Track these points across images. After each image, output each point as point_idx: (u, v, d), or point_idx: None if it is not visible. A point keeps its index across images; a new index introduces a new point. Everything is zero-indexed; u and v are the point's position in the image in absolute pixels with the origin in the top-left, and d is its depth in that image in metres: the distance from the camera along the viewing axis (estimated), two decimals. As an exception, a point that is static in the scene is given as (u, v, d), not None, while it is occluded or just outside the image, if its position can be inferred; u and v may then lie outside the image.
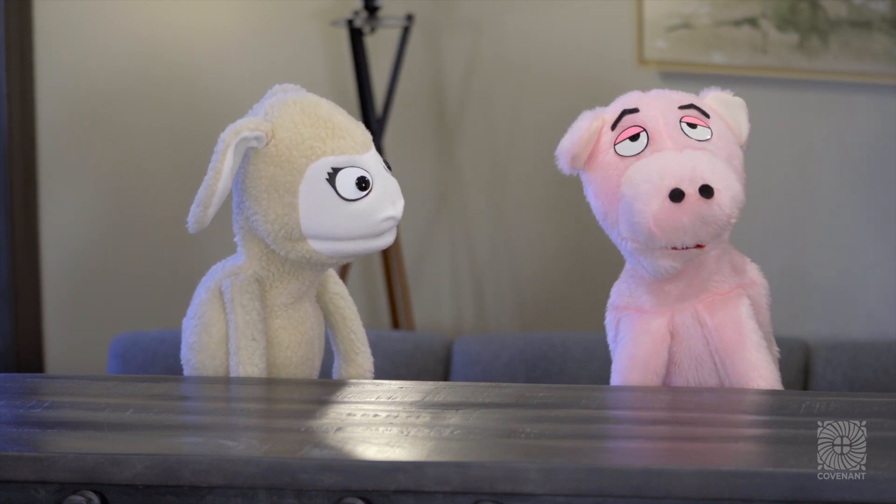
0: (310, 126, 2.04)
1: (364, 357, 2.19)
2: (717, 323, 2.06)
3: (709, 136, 2.06)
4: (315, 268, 2.10)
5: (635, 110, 2.08)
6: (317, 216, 2.03)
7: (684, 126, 2.06)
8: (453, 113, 3.75)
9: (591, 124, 2.07)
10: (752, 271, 2.14)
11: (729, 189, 1.98)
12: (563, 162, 2.09)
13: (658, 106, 2.08)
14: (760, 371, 2.02)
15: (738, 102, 2.13)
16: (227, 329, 2.07)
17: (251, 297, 2.06)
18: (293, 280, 2.10)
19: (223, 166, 2.00)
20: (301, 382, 2.08)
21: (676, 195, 1.96)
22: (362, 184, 2.03)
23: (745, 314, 2.06)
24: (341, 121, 2.06)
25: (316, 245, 2.05)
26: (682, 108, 2.08)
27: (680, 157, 2.00)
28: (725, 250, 2.10)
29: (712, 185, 1.96)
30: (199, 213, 2.01)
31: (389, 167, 2.08)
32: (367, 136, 2.08)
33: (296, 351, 2.11)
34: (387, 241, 2.08)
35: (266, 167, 2.03)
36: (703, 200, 1.96)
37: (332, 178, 2.02)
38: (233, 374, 2.05)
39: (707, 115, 2.09)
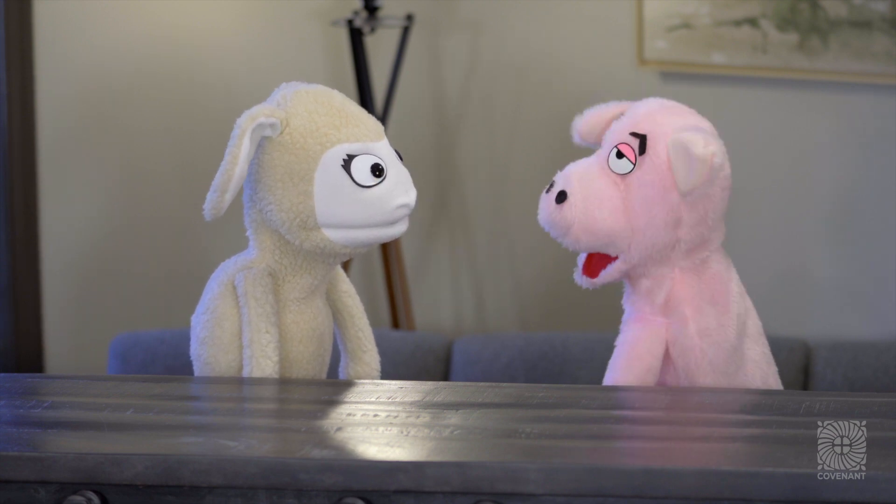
0: (324, 114, 2.05)
1: (371, 356, 2.20)
2: (618, 341, 2.15)
3: (626, 172, 2.08)
4: (327, 260, 2.10)
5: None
6: (332, 203, 2.03)
7: (614, 152, 2.10)
8: (453, 113, 3.75)
9: (607, 111, 2.17)
10: (693, 316, 2.10)
11: (584, 213, 2.07)
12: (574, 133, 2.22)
13: (628, 123, 2.12)
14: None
15: (691, 157, 2.03)
16: (240, 323, 2.07)
17: (265, 290, 2.06)
18: (306, 274, 2.10)
19: (240, 151, 1.99)
20: (301, 382, 2.08)
21: (548, 187, 2.11)
22: (377, 171, 2.03)
23: (631, 338, 2.11)
24: (354, 110, 2.08)
25: (330, 234, 2.05)
26: (631, 134, 2.10)
27: (583, 161, 2.12)
28: (667, 287, 2.11)
29: (570, 194, 2.08)
30: (216, 199, 2.01)
31: (401, 157, 2.09)
32: (379, 126, 2.09)
33: (307, 346, 2.11)
34: (400, 229, 2.08)
35: (281, 156, 2.04)
36: (554, 202, 2.09)
37: (347, 164, 2.03)
38: (246, 368, 2.05)
39: (643, 152, 2.08)
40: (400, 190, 2.05)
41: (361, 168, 2.03)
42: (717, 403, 1.91)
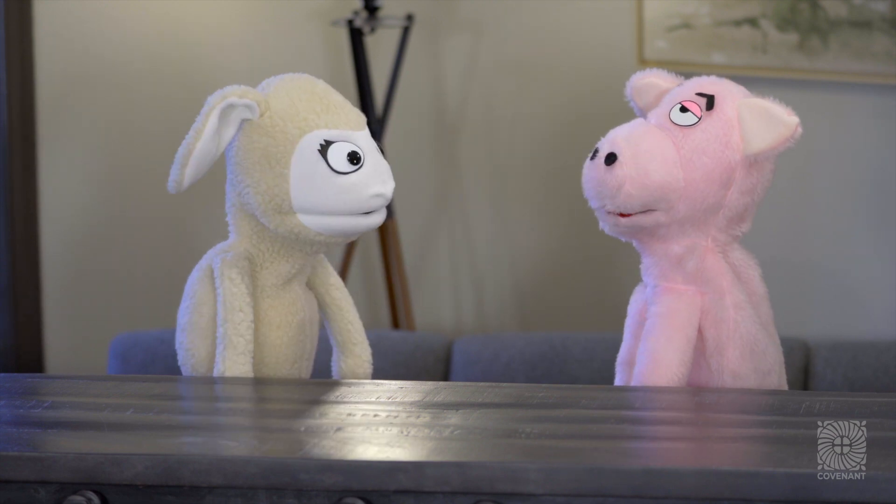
0: (305, 100, 2.07)
1: (362, 347, 2.19)
2: (651, 312, 2.12)
3: (689, 124, 2.10)
4: (304, 248, 2.10)
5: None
6: (306, 188, 2.04)
7: (677, 107, 2.11)
8: (453, 113, 3.75)
9: (664, 79, 2.20)
10: (729, 289, 2.11)
11: (635, 168, 2.06)
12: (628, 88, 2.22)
13: (692, 86, 2.14)
14: (646, 356, 2.07)
15: (774, 118, 2.09)
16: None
17: (239, 271, 2.07)
18: (283, 261, 2.10)
19: (204, 127, 2.01)
20: (301, 382, 2.08)
21: (594, 153, 2.09)
22: (354, 158, 2.04)
23: (667, 310, 2.09)
24: (336, 99, 2.09)
25: (305, 219, 2.05)
26: (697, 94, 2.12)
27: (627, 124, 2.12)
28: (698, 255, 2.10)
29: (619, 154, 2.06)
30: (177, 172, 2.02)
31: (382, 152, 2.09)
32: (361, 117, 2.10)
33: (286, 331, 2.11)
34: (375, 220, 2.08)
35: (260, 138, 2.05)
36: (603, 164, 2.07)
37: (323, 150, 2.04)
38: (219, 346, 2.04)
39: (710, 108, 2.10)
40: (376, 179, 2.05)
41: (338, 154, 2.04)
42: (717, 403, 1.91)
